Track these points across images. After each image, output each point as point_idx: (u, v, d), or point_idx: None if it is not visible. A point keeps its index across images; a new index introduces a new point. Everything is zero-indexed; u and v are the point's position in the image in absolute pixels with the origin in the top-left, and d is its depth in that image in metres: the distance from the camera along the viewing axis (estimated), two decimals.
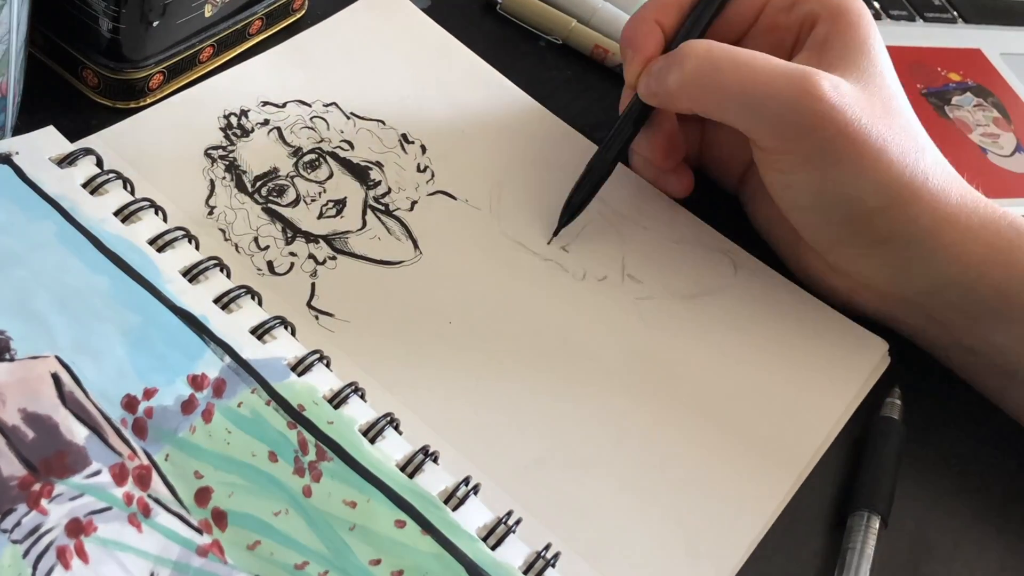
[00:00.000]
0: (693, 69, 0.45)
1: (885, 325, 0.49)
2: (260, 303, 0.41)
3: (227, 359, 0.38)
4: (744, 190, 0.52)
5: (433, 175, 0.50)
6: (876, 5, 0.71)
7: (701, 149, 0.53)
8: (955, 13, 0.73)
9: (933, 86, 0.65)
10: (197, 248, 0.42)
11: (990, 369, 0.48)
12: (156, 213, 0.42)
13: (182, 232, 0.41)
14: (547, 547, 0.38)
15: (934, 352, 0.50)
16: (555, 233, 0.49)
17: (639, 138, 0.50)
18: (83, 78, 0.47)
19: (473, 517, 0.38)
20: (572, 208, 0.49)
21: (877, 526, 0.43)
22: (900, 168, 0.44)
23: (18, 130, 0.44)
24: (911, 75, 0.46)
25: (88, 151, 0.42)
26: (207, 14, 0.48)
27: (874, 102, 0.45)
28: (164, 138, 0.46)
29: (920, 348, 0.50)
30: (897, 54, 0.45)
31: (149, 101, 0.48)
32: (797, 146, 0.45)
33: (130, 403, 0.36)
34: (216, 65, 0.50)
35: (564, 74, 0.58)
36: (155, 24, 0.45)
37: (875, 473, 0.44)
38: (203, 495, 0.36)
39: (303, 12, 0.54)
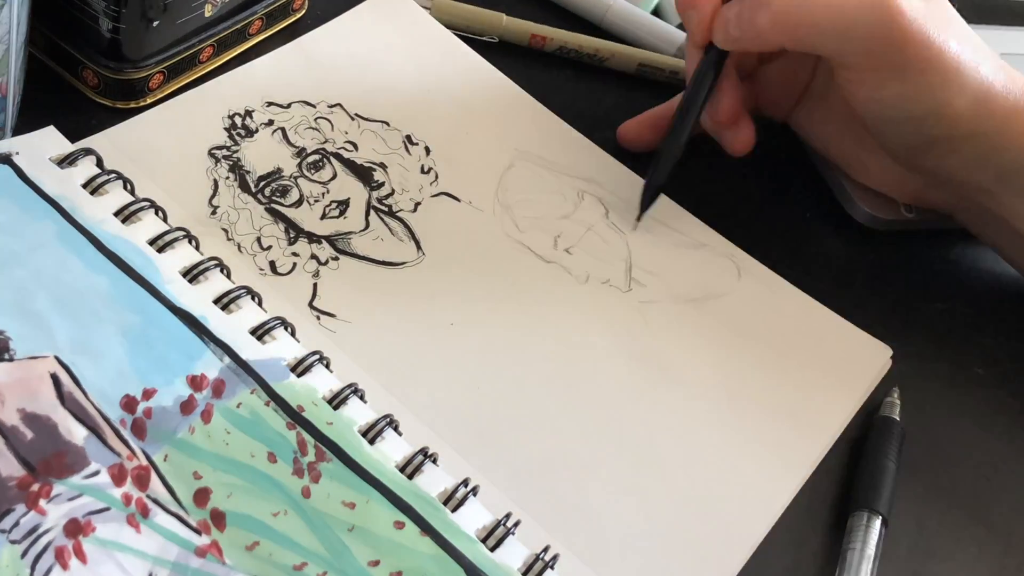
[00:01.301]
0: (782, 6, 0.47)
1: (947, 217, 0.53)
2: (260, 303, 0.41)
3: (226, 359, 0.38)
4: (798, 117, 0.55)
5: (437, 177, 0.49)
6: None
7: (754, 92, 0.55)
8: None
9: None
10: (198, 248, 0.42)
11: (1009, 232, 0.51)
12: (156, 213, 0.42)
13: (182, 232, 0.41)
14: (546, 549, 0.38)
15: (997, 237, 0.53)
16: (639, 216, 0.50)
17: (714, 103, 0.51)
18: (83, 78, 0.47)
19: (472, 518, 0.37)
20: (657, 181, 0.51)
21: (877, 526, 0.42)
22: (975, 69, 0.47)
23: (18, 130, 0.44)
24: None
25: (88, 151, 0.42)
26: (207, 14, 0.48)
27: (940, 14, 0.47)
28: (168, 137, 0.47)
29: (919, 342, 0.50)
30: None
31: (149, 101, 0.48)
32: (886, 62, 0.46)
33: (129, 403, 0.36)
34: (216, 65, 0.50)
35: (564, 73, 0.58)
36: (155, 24, 0.46)
37: (875, 473, 0.44)
38: (202, 496, 0.36)
39: (303, 12, 0.54)
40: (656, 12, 0.63)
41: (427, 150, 0.50)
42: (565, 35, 0.58)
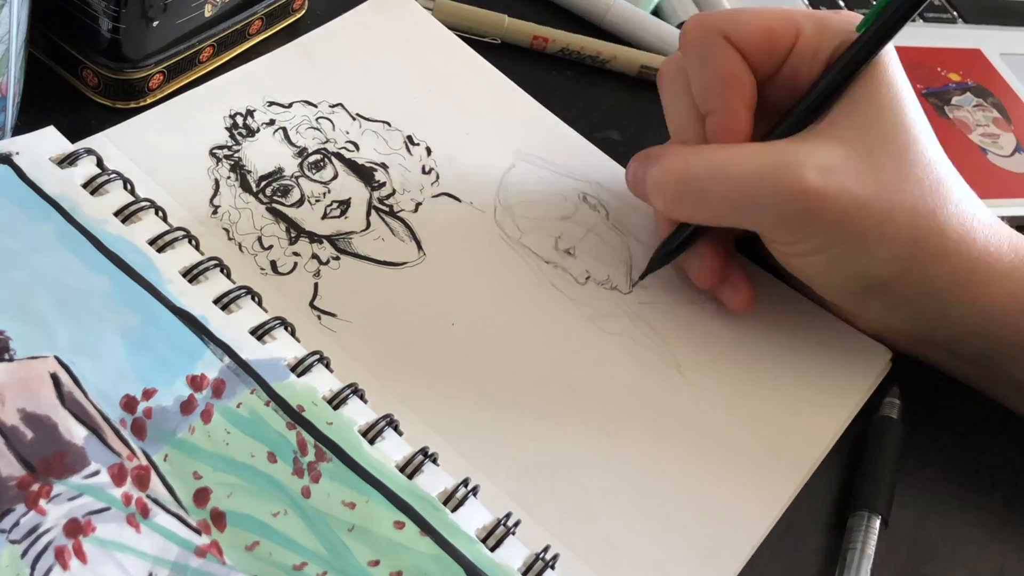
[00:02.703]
0: (674, 192, 0.45)
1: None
2: (260, 303, 0.41)
3: (226, 359, 0.38)
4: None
5: (438, 177, 0.49)
6: None
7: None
8: (955, 13, 0.72)
9: (933, 86, 0.65)
10: (198, 248, 0.42)
11: (1015, 393, 0.48)
12: (156, 213, 0.42)
13: (182, 232, 0.41)
14: (546, 549, 0.38)
15: (962, 379, 0.49)
16: (642, 277, 0.49)
17: (685, 258, 0.48)
18: (83, 78, 0.47)
19: (472, 518, 0.37)
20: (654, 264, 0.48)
21: (877, 526, 0.42)
22: (911, 233, 0.43)
23: (18, 130, 0.44)
24: (911, 75, 0.45)
25: (89, 151, 0.42)
26: (207, 14, 0.48)
27: (881, 166, 0.43)
28: (170, 137, 0.46)
29: None
30: (897, 54, 0.45)
31: (149, 101, 0.48)
32: (796, 237, 0.44)
33: (129, 403, 0.36)
34: (216, 65, 0.50)
35: (564, 74, 0.58)
36: (155, 24, 0.46)
37: (875, 473, 0.44)
38: (202, 495, 0.36)
39: (303, 12, 0.54)
40: (656, 12, 0.63)
41: (428, 150, 0.50)
42: (567, 37, 0.58)
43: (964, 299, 0.44)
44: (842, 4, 0.69)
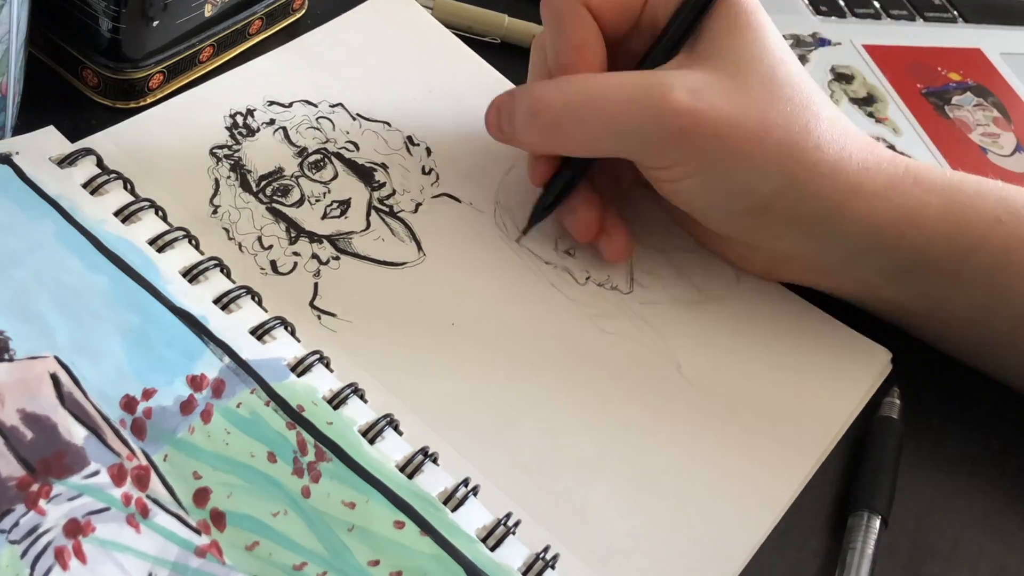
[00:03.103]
0: (551, 119, 0.44)
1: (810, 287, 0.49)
2: (260, 303, 0.41)
3: (226, 359, 0.38)
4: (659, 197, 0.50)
5: (438, 177, 0.49)
6: (876, 5, 0.70)
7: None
8: (955, 13, 0.72)
9: (933, 86, 0.65)
10: (198, 248, 0.42)
11: (914, 317, 0.48)
12: (156, 213, 0.42)
13: (182, 232, 0.41)
14: (546, 549, 0.38)
15: (859, 304, 0.49)
16: (525, 231, 0.48)
17: (563, 212, 0.48)
18: (83, 78, 0.47)
19: (472, 518, 0.37)
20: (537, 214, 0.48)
21: (877, 526, 0.42)
22: (787, 149, 0.43)
23: (18, 130, 0.44)
24: (911, 75, 0.45)
25: (88, 151, 0.42)
26: (207, 14, 0.48)
27: (749, 85, 0.43)
28: (170, 136, 0.46)
29: (919, 343, 0.50)
30: (897, 54, 0.45)
31: (149, 101, 0.48)
32: (672, 159, 0.44)
33: (129, 403, 0.36)
34: (216, 65, 0.50)
35: None
36: (155, 24, 0.46)
37: (875, 473, 0.44)
38: (202, 495, 0.36)
39: (303, 12, 0.54)
40: None
41: (428, 151, 0.50)
42: None
43: (850, 216, 0.44)
44: (844, 6, 0.69)
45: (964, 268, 0.45)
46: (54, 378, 0.36)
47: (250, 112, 0.49)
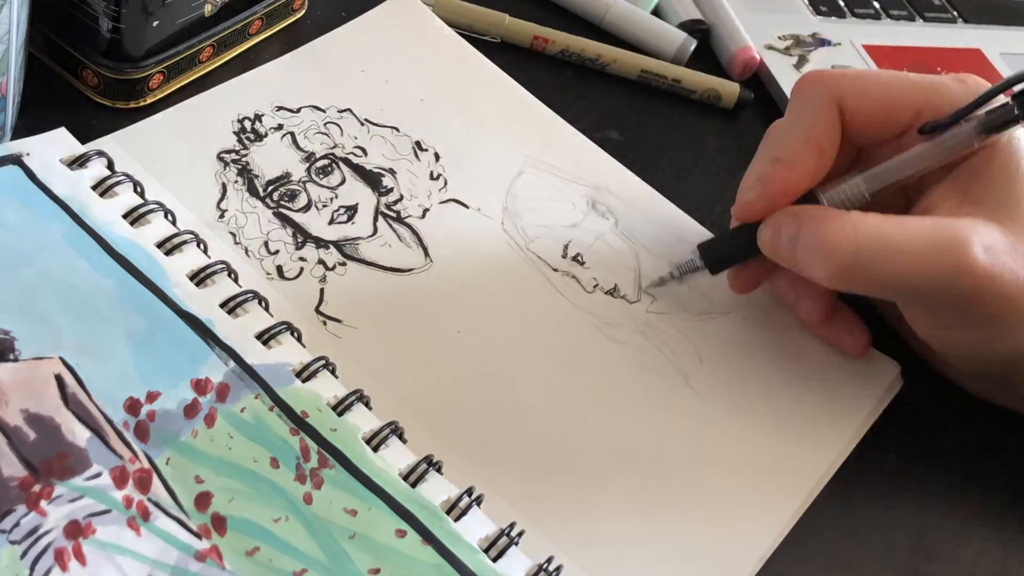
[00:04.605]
0: (844, 265, 0.41)
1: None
2: (267, 308, 0.41)
3: (231, 364, 0.38)
4: (885, 308, 0.50)
5: (446, 183, 0.49)
6: (876, 5, 0.70)
7: None
8: (955, 13, 0.72)
9: None
10: (206, 252, 0.42)
11: None
12: (165, 216, 0.42)
13: (190, 236, 0.41)
14: (549, 560, 0.38)
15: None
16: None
17: (796, 303, 0.47)
18: (83, 78, 0.47)
19: (475, 528, 0.37)
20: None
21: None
22: None
23: (18, 130, 0.44)
24: None
25: (100, 153, 0.42)
26: (207, 14, 0.48)
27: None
28: (178, 141, 0.46)
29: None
30: (897, 54, 0.45)
31: (149, 101, 0.48)
32: (955, 313, 0.43)
33: (133, 406, 0.36)
34: (216, 65, 0.50)
35: (564, 74, 0.58)
36: (155, 24, 0.46)
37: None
38: (203, 500, 0.35)
39: (303, 12, 0.54)
40: (656, 12, 0.63)
41: (436, 156, 0.50)
42: (567, 38, 0.58)
43: None
44: (844, 6, 0.69)
45: None
46: (59, 379, 0.36)
47: (258, 117, 0.49)
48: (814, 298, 0.47)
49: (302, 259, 0.45)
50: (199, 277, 0.40)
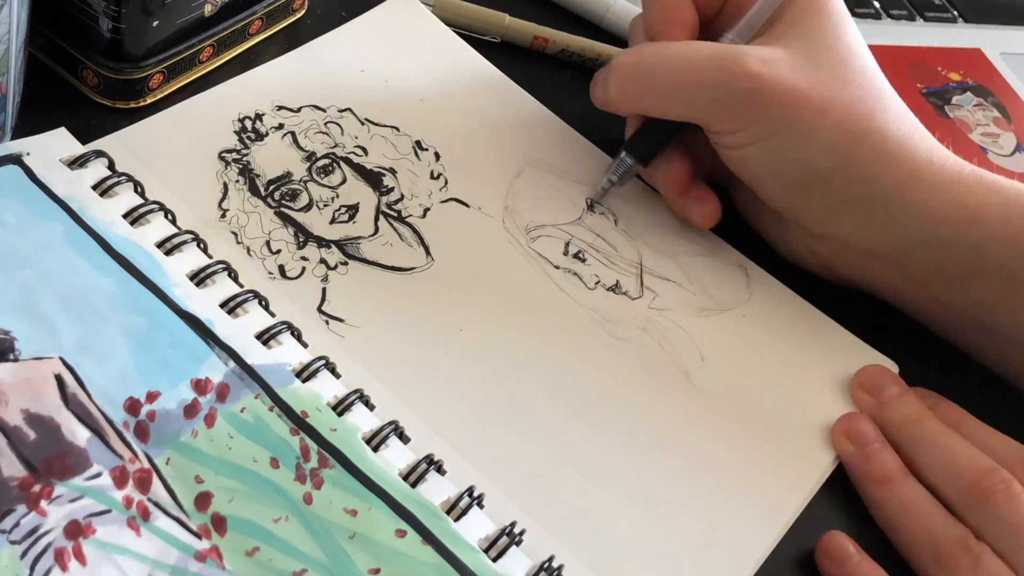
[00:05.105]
0: (625, 75, 0.47)
1: (865, 289, 0.50)
2: (267, 308, 0.41)
3: (231, 364, 0.38)
4: (729, 183, 0.53)
5: (446, 182, 0.49)
6: (876, 5, 0.70)
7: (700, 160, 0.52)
8: (955, 13, 0.72)
9: (933, 86, 0.65)
10: (206, 252, 0.42)
11: (967, 323, 0.48)
12: (165, 216, 0.42)
13: (191, 236, 0.41)
14: (551, 559, 0.38)
15: (912, 310, 0.49)
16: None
17: (653, 168, 0.50)
18: (83, 78, 0.47)
19: (475, 528, 0.37)
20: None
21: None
22: (851, 126, 0.45)
23: (18, 130, 0.44)
24: (911, 74, 0.45)
25: (100, 153, 0.42)
26: (207, 13, 0.48)
27: (819, 64, 0.45)
28: (179, 140, 0.46)
29: (923, 353, 0.50)
30: (897, 54, 0.45)
31: (149, 101, 0.48)
32: (738, 123, 0.45)
33: (133, 406, 0.36)
34: (216, 65, 0.50)
35: (564, 74, 0.58)
36: (155, 24, 0.45)
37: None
38: (203, 500, 0.35)
39: (303, 12, 0.54)
40: None
41: (437, 155, 0.50)
42: (567, 38, 0.58)
43: (907, 203, 0.45)
44: None
45: None
46: (59, 379, 0.36)
47: (259, 117, 0.49)
48: (670, 167, 0.50)
49: (304, 259, 0.45)
50: (199, 277, 0.40)
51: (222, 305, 0.40)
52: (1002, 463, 0.42)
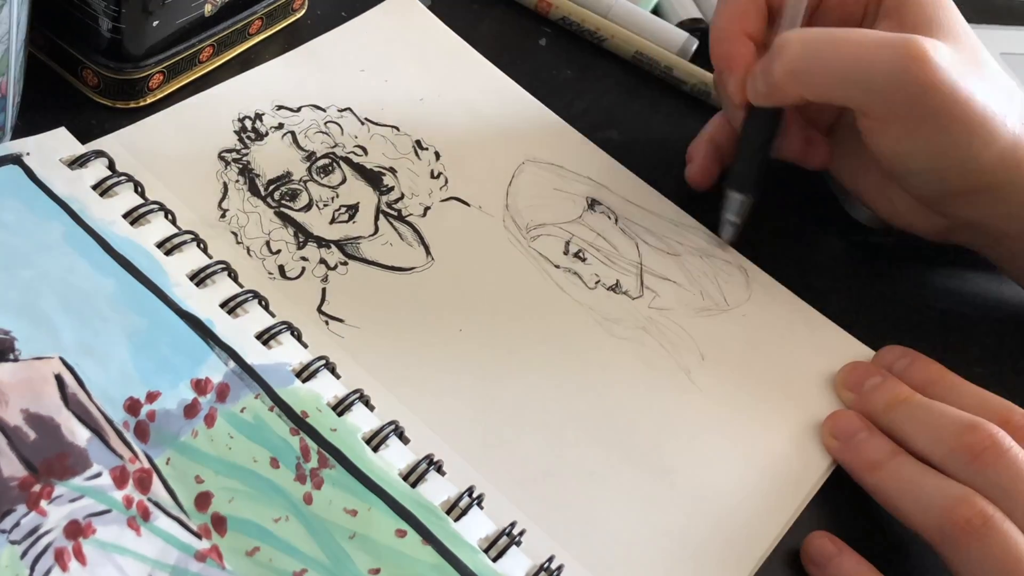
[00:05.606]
0: (794, 57, 0.45)
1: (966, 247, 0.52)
2: (267, 308, 0.41)
3: (231, 364, 0.38)
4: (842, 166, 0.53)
5: (447, 181, 0.49)
6: None
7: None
8: None
9: None
10: (206, 252, 0.42)
11: None
12: (166, 216, 0.42)
13: (191, 236, 0.41)
14: (551, 559, 0.38)
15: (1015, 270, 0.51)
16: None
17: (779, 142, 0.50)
18: (83, 78, 0.47)
19: (475, 528, 0.37)
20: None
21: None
22: (1003, 120, 0.45)
23: (18, 130, 0.44)
24: None
25: (100, 153, 0.42)
26: (207, 13, 0.48)
27: (967, 59, 0.45)
28: (179, 140, 0.46)
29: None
30: None
31: (149, 101, 0.48)
32: (908, 113, 0.44)
33: (133, 406, 0.36)
34: (216, 65, 0.50)
35: (564, 73, 0.58)
36: (155, 23, 0.45)
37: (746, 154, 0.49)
38: (203, 500, 0.36)
39: (303, 12, 0.54)
40: (656, 12, 0.63)
41: (437, 155, 0.50)
42: (570, 6, 0.59)
43: None
44: None
45: None
46: (59, 379, 0.36)
47: (259, 116, 0.49)
48: (796, 134, 0.51)
49: (304, 258, 0.45)
50: (199, 277, 0.40)
51: (222, 305, 0.40)
52: (989, 418, 0.42)
